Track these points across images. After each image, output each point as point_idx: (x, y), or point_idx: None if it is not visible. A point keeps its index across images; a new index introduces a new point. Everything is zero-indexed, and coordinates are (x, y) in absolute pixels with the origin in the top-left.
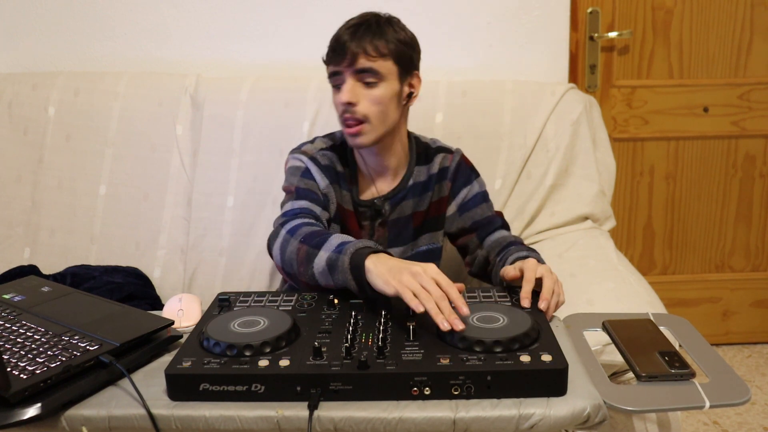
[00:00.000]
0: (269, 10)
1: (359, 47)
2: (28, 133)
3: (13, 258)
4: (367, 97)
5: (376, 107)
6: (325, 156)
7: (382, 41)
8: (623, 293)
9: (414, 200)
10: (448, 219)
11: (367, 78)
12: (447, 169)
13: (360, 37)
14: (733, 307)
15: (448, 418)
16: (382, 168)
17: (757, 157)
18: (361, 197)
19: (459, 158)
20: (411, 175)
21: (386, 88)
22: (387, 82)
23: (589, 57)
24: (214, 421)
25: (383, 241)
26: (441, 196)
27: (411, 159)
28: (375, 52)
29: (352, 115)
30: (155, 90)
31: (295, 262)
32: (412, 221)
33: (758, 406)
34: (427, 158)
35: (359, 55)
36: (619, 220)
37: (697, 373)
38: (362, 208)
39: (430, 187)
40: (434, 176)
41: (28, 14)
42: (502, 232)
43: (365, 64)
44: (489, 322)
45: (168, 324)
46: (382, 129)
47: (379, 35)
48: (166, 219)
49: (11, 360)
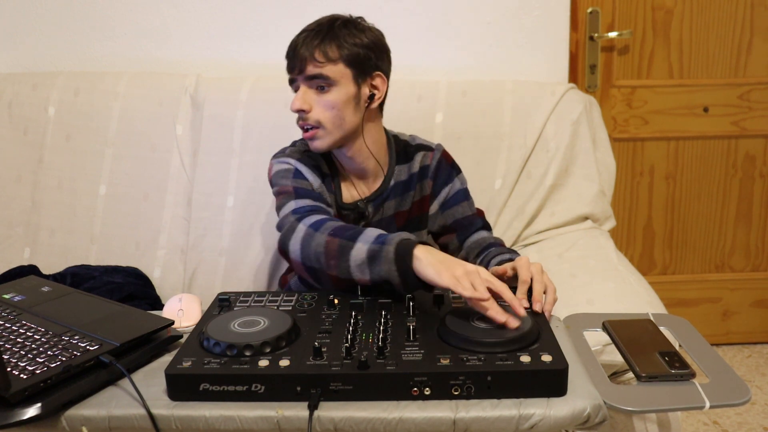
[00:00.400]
0: (269, 10)
1: (307, 53)
2: (28, 133)
3: (13, 258)
4: (319, 103)
5: (330, 112)
6: (310, 157)
7: (332, 46)
8: (623, 293)
9: (396, 200)
10: (431, 217)
11: (318, 83)
12: (428, 168)
13: (309, 44)
14: (733, 307)
15: (448, 418)
16: (360, 170)
17: (757, 157)
18: (344, 200)
19: (439, 155)
20: (392, 175)
21: (339, 93)
22: (340, 86)
23: (589, 57)
24: (214, 421)
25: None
26: (423, 195)
27: (391, 159)
28: (323, 58)
29: (305, 121)
30: (155, 90)
31: (323, 255)
32: (395, 221)
33: (758, 406)
34: (406, 156)
35: (307, 61)
36: (619, 220)
37: (697, 373)
38: (345, 211)
39: (411, 186)
40: (415, 175)
41: (28, 14)
42: (482, 234)
43: (313, 70)
44: (489, 322)
45: (168, 324)
46: (338, 133)
47: (330, 40)
48: (166, 219)
49: (11, 360)
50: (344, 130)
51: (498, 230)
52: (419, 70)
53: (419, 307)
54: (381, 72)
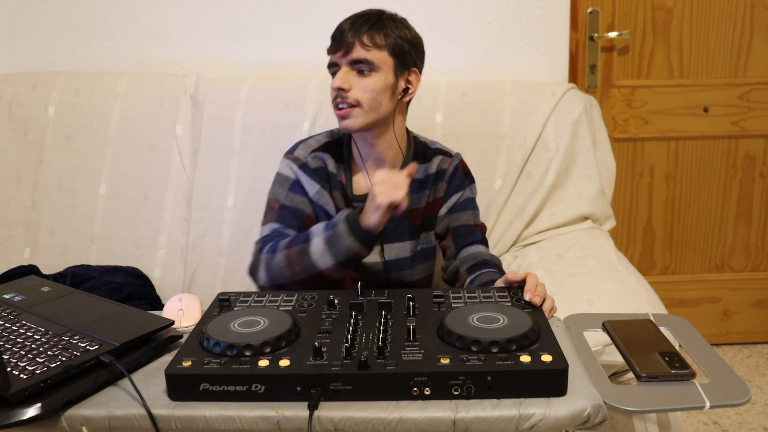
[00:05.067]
0: (269, 10)
1: (355, 37)
2: (28, 133)
3: (13, 258)
4: (359, 84)
5: (368, 94)
6: (316, 158)
7: (380, 33)
8: (623, 293)
9: (411, 197)
10: (438, 219)
11: (361, 67)
12: (444, 172)
13: (358, 28)
14: (733, 307)
15: (448, 418)
16: (378, 160)
17: (757, 157)
18: (356, 193)
19: (457, 162)
20: None
21: (379, 79)
22: (381, 72)
23: (589, 57)
24: (214, 421)
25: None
26: (437, 197)
27: (408, 155)
28: (370, 43)
29: (343, 99)
30: (155, 90)
31: (287, 269)
32: (407, 217)
33: (758, 406)
34: (425, 157)
35: (355, 44)
36: (619, 220)
37: (697, 373)
38: (356, 203)
39: (427, 186)
40: (431, 176)
41: (28, 14)
42: (480, 248)
43: (360, 54)
44: (489, 323)
45: (168, 324)
46: (372, 116)
47: (378, 28)
48: (166, 219)
49: (11, 360)
50: (377, 114)
51: (498, 230)
52: None
53: (419, 307)
54: (417, 69)
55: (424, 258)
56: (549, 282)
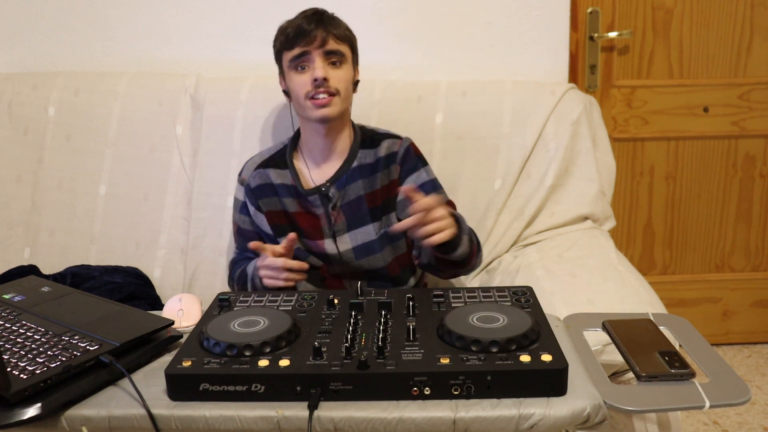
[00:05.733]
0: (269, 10)
1: (326, 31)
2: (28, 133)
3: (13, 258)
4: (334, 75)
5: (343, 83)
6: (258, 175)
7: (340, 29)
8: (623, 293)
9: (363, 181)
10: (399, 203)
11: (333, 59)
12: (396, 154)
13: (325, 23)
14: (733, 307)
15: (448, 418)
16: (329, 151)
17: (757, 157)
18: (306, 188)
19: (408, 144)
20: (354, 157)
21: (347, 70)
22: (347, 64)
23: (589, 57)
24: (214, 421)
25: (343, 226)
26: (391, 179)
27: (354, 142)
28: (339, 37)
29: (327, 89)
30: (155, 90)
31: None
32: (365, 202)
33: (758, 406)
34: (372, 142)
35: (329, 37)
36: (619, 220)
37: (697, 373)
38: (311, 197)
39: (378, 169)
40: (382, 159)
41: (28, 14)
42: None
43: (334, 46)
44: (489, 322)
45: (168, 324)
46: (345, 104)
47: (336, 23)
48: (166, 219)
49: (11, 360)
50: (347, 103)
51: (498, 230)
52: (419, 70)
53: (419, 307)
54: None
55: (391, 239)
56: (549, 282)
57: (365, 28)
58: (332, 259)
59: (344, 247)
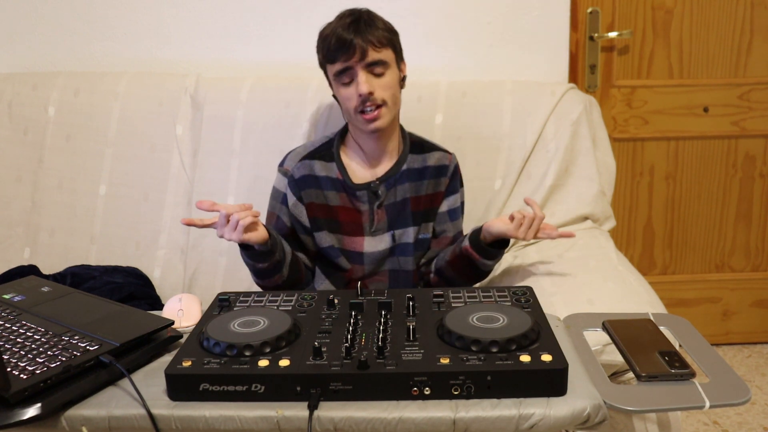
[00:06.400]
0: (269, 10)
1: (365, 41)
2: (28, 133)
3: (13, 258)
4: (379, 85)
5: (389, 91)
6: (303, 166)
7: (380, 32)
8: (623, 293)
9: (410, 185)
10: (439, 215)
11: (377, 69)
12: (446, 168)
13: (363, 32)
14: (733, 307)
15: (448, 418)
16: (381, 152)
17: (757, 157)
18: (356, 182)
19: (456, 162)
20: (405, 160)
21: (392, 75)
22: (392, 68)
23: (589, 57)
24: (214, 421)
25: (384, 225)
26: (438, 190)
27: (405, 146)
28: (379, 44)
29: (373, 102)
30: (155, 90)
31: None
32: (409, 205)
33: (758, 406)
34: (422, 149)
35: (368, 48)
36: (619, 220)
37: (697, 373)
38: (359, 192)
39: (425, 176)
40: (431, 168)
41: (28, 14)
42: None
43: (375, 56)
44: (489, 322)
45: (168, 324)
46: (395, 111)
47: (375, 27)
48: (166, 219)
49: (11, 360)
50: (397, 108)
51: None
52: (419, 70)
53: (419, 307)
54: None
55: (422, 247)
56: (549, 282)
57: None
58: (366, 258)
59: (382, 246)
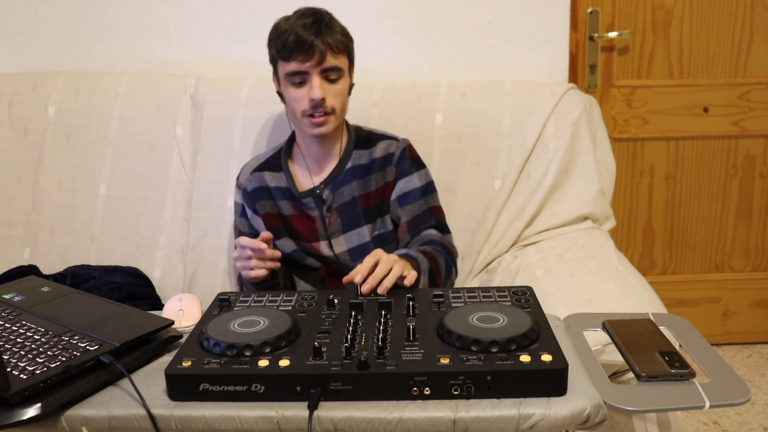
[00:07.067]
0: (269, 11)
1: (325, 44)
2: (28, 133)
3: (13, 258)
4: (331, 91)
5: (339, 99)
6: (254, 179)
7: (339, 37)
8: (623, 293)
9: (357, 182)
10: (391, 204)
11: (332, 75)
12: (392, 156)
13: (323, 35)
14: (733, 307)
15: (448, 418)
16: (324, 155)
17: (757, 157)
18: (301, 190)
19: (404, 146)
20: (348, 158)
21: (345, 82)
22: (344, 77)
23: (589, 57)
24: (214, 421)
25: (338, 227)
26: (386, 181)
27: (348, 143)
28: (337, 49)
29: (324, 109)
30: (155, 90)
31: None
32: (359, 203)
33: (758, 406)
34: (368, 143)
35: (327, 53)
36: (619, 220)
37: (697, 373)
38: (305, 199)
39: (372, 170)
40: (377, 160)
41: (28, 14)
42: (431, 231)
43: (332, 62)
44: (489, 322)
45: (168, 324)
46: (341, 118)
47: (334, 30)
48: (166, 219)
49: (11, 360)
50: (344, 115)
51: (498, 230)
52: (419, 70)
53: (419, 307)
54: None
55: (384, 242)
56: (549, 282)
57: (365, 28)
58: (328, 261)
59: (339, 249)
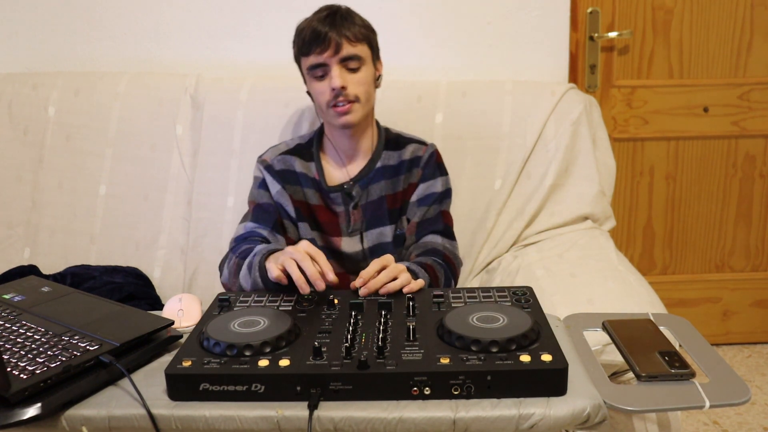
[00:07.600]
0: (269, 10)
1: (340, 35)
2: (28, 133)
3: (13, 258)
4: (352, 80)
5: (362, 87)
6: (282, 160)
7: (356, 27)
8: (623, 293)
9: (386, 183)
10: (410, 205)
11: (351, 64)
12: (420, 159)
13: (338, 26)
14: (733, 307)
15: (448, 418)
16: (354, 151)
17: (757, 157)
18: (330, 184)
19: (432, 151)
20: (378, 158)
21: (367, 71)
22: (367, 65)
23: (589, 57)
24: (214, 421)
25: (361, 224)
26: (411, 182)
27: (379, 143)
28: (355, 38)
29: (346, 98)
30: (155, 90)
31: (232, 275)
32: (385, 203)
33: (758, 406)
34: (397, 145)
35: (343, 42)
36: (619, 220)
37: (697, 373)
38: (333, 194)
39: (401, 172)
40: (406, 162)
41: (28, 14)
42: (435, 237)
43: (350, 50)
44: (489, 322)
45: (168, 324)
46: (367, 108)
47: (351, 23)
48: (166, 219)
49: (11, 360)
50: (370, 105)
51: (498, 230)
52: (419, 70)
53: (419, 307)
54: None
55: (401, 243)
56: (549, 282)
57: None
58: (345, 257)
59: (360, 246)
